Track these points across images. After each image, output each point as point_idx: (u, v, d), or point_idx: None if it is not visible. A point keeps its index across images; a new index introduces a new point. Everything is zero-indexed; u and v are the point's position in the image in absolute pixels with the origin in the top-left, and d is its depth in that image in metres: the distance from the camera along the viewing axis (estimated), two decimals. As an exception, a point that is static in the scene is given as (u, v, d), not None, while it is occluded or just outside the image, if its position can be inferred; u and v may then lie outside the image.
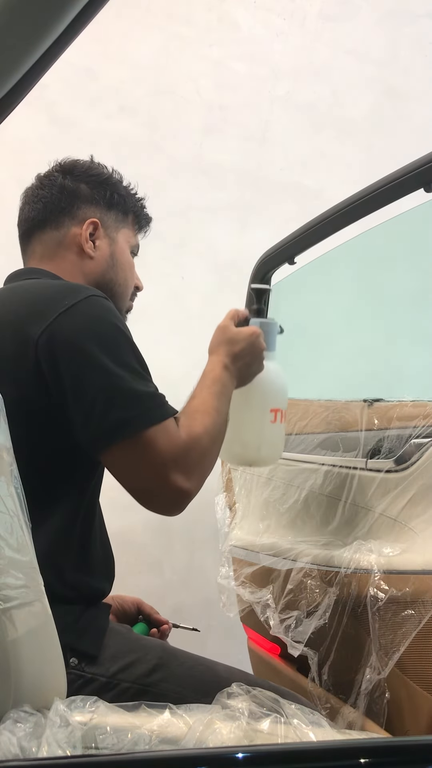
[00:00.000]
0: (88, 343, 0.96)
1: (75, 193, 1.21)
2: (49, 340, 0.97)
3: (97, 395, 0.93)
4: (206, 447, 0.99)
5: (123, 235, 1.25)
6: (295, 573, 1.22)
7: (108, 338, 0.98)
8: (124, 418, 0.93)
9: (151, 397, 0.96)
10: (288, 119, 2.50)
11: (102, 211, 1.22)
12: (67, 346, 0.96)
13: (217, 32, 2.44)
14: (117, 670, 0.96)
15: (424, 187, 1.12)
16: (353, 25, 2.60)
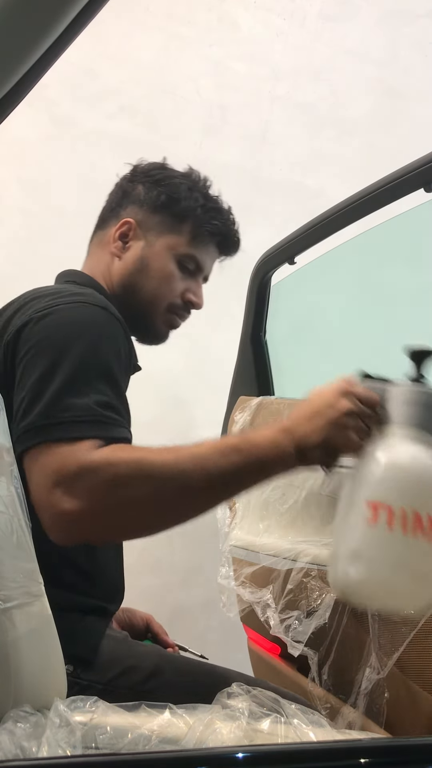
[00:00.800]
0: (45, 342, 0.88)
1: (127, 193, 1.16)
2: (15, 336, 0.91)
3: (26, 395, 0.85)
4: (120, 480, 0.79)
5: (165, 240, 1.13)
6: (295, 573, 1.22)
7: (68, 341, 0.88)
8: (31, 424, 0.82)
9: (77, 410, 0.82)
10: (288, 119, 2.50)
11: (145, 213, 1.13)
12: (28, 341, 0.89)
13: (217, 32, 2.44)
14: (113, 676, 0.94)
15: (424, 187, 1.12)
16: (353, 25, 2.60)
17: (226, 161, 2.39)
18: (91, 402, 0.84)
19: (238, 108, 2.45)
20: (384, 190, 1.19)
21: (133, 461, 0.81)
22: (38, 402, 0.83)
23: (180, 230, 1.14)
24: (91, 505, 0.77)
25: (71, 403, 0.82)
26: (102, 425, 0.83)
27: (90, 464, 0.78)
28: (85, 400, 0.83)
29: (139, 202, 1.14)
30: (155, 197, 1.14)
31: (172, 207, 1.13)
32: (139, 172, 1.17)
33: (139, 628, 1.29)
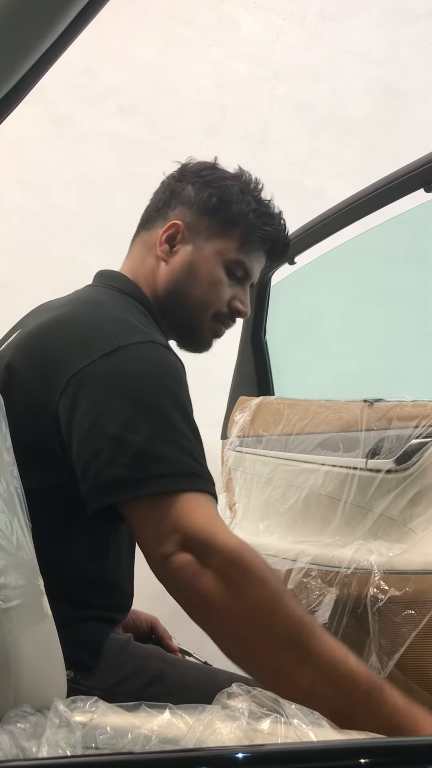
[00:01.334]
0: (116, 390, 0.84)
1: (175, 194, 1.10)
2: (80, 381, 0.85)
3: (107, 443, 0.81)
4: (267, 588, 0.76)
5: (215, 245, 1.07)
6: (296, 573, 1.22)
7: (148, 387, 0.85)
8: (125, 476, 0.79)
9: (173, 463, 0.81)
10: (288, 119, 2.50)
11: (194, 215, 1.07)
12: (93, 389, 0.84)
13: (217, 32, 2.44)
14: (114, 682, 0.93)
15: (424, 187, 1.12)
16: (353, 25, 2.60)
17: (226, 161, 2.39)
18: (179, 453, 0.82)
19: (238, 108, 2.45)
20: (384, 190, 1.19)
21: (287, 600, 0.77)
22: (127, 451, 0.80)
23: (230, 235, 1.08)
24: (229, 589, 0.77)
25: (165, 454, 0.81)
26: (198, 479, 0.82)
27: (246, 552, 0.77)
28: (175, 451, 0.82)
29: (188, 203, 1.08)
30: (206, 199, 1.08)
31: (223, 210, 1.08)
32: (188, 172, 1.11)
33: (143, 630, 1.26)
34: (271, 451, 1.43)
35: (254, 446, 1.49)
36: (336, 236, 1.38)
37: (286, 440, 1.39)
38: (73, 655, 0.81)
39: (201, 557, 0.78)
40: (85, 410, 0.83)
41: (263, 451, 1.45)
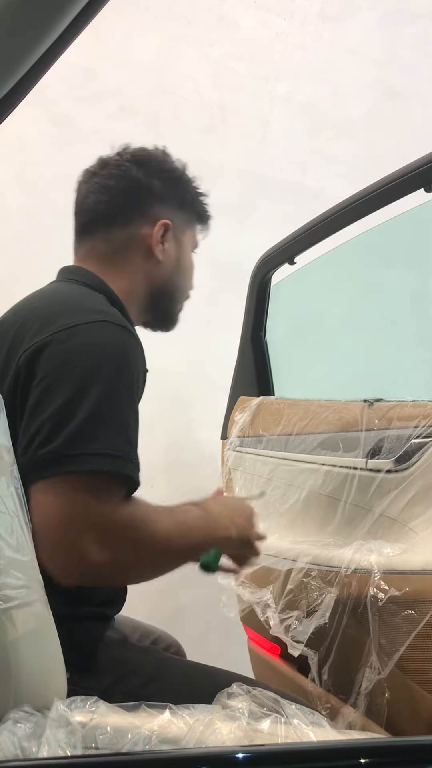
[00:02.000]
0: (68, 367, 0.86)
1: (148, 189, 1.11)
2: (33, 355, 0.89)
3: (47, 420, 0.83)
4: (147, 542, 0.87)
5: (188, 237, 1.17)
6: (295, 573, 1.22)
7: (95, 368, 0.87)
8: (53, 452, 0.82)
9: (104, 443, 0.83)
10: (288, 119, 2.50)
11: (173, 212, 1.13)
12: (49, 364, 0.87)
13: (217, 32, 2.44)
14: (110, 682, 0.92)
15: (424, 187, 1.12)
16: (353, 25, 2.60)
17: (226, 161, 2.39)
18: (117, 435, 0.85)
19: (238, 108, 2.45)
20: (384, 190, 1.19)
21: (158, 526, 0.89)
22: (61, 430, 0.82)
23: (192, 223, 1.18)
24: (120, 560, 0.84)
25: (98, 434, 0.83)
26: (124, 463, 0.85)
27: (131, 521, 0.85)
28: (111, 433, 0.84)
29: (165, 200, 1.12)
30: (181, 196, 1.14)
31: (190, 203, 1.16)
32: (150, 165, 1.13)
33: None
34: (271, 451, 1.43)
35: (254, 446, 1.49)
36: (336, 236, 1.38)
37: (286, 440, 1.39)
38: (69, 656, 0.81)
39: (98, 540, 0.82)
40: (34, 385, 0.87)
41: (263, 451, 1.45)
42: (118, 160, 1.13)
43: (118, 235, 1.10)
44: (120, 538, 0.84)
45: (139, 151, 1.15)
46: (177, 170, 1.15)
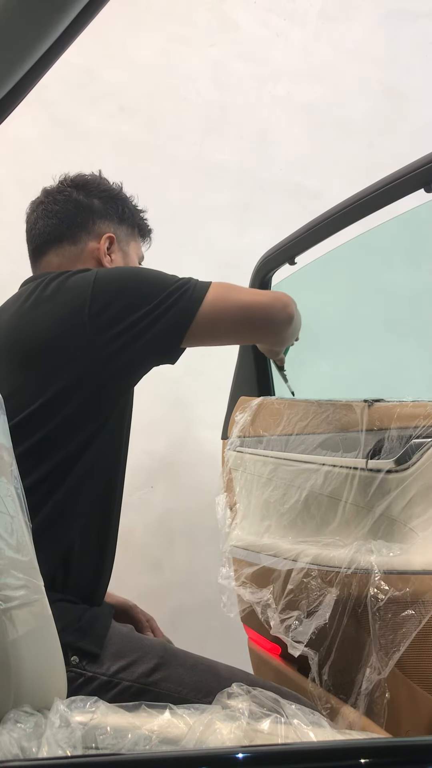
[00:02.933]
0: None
1: (90, 209, 1.25)
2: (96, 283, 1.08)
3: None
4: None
5: (132, 248, 1.30)
6: (296, 573, 1.22)
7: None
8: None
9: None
10: (288, 119, 2.50)
11: (115, 226, 1.27)
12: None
13: (217, 32, 2.44)
14: (118, 669, 0.97)
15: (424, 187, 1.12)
16: (353, 25, 2.60)
17: (226, 161, 2.39)
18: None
19: (238, 108, 2.45)
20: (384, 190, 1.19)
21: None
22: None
23: (135, 235, 1.32)
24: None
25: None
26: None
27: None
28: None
29: (107, 216, 1.26)
30: (120, 211, 1.28)
31: (129, 218, 1.30)
32: (89, 187, 1.27)
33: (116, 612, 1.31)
34: (271, 452, 1.43)
35: (255, 446, 1.49)
36: (336, 236, 1.38)
37: (286, 440, 1.39)
38: (78, 642, 0.90)
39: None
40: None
41: (264, 451, 1.45)
42: (60, 187, 1.29)
43: (70, 252, 1.24)
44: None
45: (76, 178, 1.30)
46: (113, 189, 1.29)
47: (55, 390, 1.03)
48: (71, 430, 1.05)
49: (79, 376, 1.04)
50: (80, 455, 1.05)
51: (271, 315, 1.17)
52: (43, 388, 1.04)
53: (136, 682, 0.96)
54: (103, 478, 1.11)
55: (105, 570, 1.13)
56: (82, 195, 1.26)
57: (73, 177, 1.30)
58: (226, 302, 1.10)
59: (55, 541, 1.02)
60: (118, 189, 1.31)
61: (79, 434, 1.05)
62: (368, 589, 1.05)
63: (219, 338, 1.21)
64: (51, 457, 1.03)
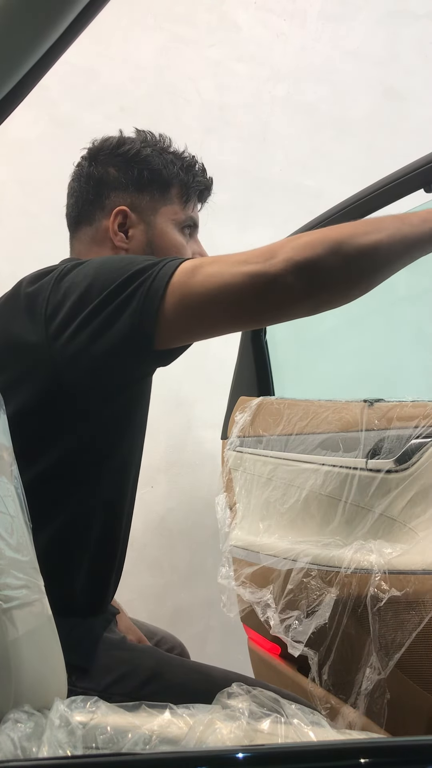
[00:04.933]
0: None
1: (102, 181, 1.09)
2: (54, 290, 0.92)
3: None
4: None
5: (163, 215, 1.09)
6: (296, 573, 1.22)
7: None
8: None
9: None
10: (288, 119, 2.50)
11: (132, 195, 1.09)
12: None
13: (218, 33, 2.44)
14: (109, 682, 0.93)
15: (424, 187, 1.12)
16: (353, 25, 2.60)
17: (226, 161, 2.39)
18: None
19: (238, 108, 2.45)
20: (384, 190, 1.19)
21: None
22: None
23: (170, 198, 1.11)
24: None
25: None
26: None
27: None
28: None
29: (121, 186, 1.09)
30: (137, 176, 1.09)
31: (156, 180, 1.10)
32: (100, 154, 1.12)
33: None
34: (271, 451, 1.43)
35: (254, 446, 1.49)
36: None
37: (286, 440, 1.39)
38: (68, 658, 0.81)
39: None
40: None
41: (263, 451, 1.45)
42: (79, 161, 1.14)
43: (87, 234, 1.11)
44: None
45: (93, 145, 1.14)
46: (130, 150, 1.11)
47: (27, 390, 0.94)
48: (56, 437, 0.97)
49: (45, 386, 0.93)
50: (75, 461, 0.99)
51: (259, 287, 0.81)
52: (18, 386, 0.94)
53: (129, 695, 0.91)
54: (111, 488, 1.05)
55: (109, 578, 1.08)
56: (94, 166, 1.10)
57: (91, 145, 1.14)
58: (193, 282, 0.83)
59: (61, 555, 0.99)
60: (136, 148, 1.11)
61: (65, 442, 0.97)
62: (368, 589, 1.05)
63: (204, 329, 0.89)
64: (41, 460, 0.96)
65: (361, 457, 1.20)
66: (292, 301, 0.82)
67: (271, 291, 0.80)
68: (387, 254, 0.84)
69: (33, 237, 2.11)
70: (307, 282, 0.80)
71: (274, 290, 0.80)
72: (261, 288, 0.81)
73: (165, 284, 0.83)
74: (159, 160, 1.10)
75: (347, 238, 0.80)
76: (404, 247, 0.85)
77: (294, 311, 0.86)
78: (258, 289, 0.81)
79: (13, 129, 2.10)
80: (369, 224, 0.84)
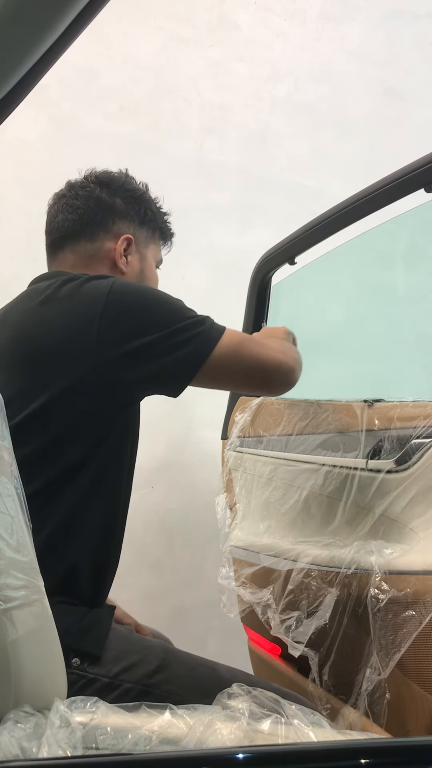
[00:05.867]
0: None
1: (111, 208, 1.22)
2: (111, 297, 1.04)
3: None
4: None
5: (151, 251, 1.28)
6: (296, 573, 1.22)
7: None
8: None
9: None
10: (288, 119, 2.50)
11: (135, 228, 1.24)
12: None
13: (218, 33, 2.44)
14: (119, 670, 0.96)
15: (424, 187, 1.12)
16: (353, 25, 2.60)
17: (226, 161, 2.39)
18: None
19: (238, 108, 2.45)
20: (384, 191, 1.19)
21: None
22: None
23: (155, 239, 1.29)
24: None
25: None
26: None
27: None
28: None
29: (128, 217, 1.23)
30: (142, 213, 1.25)
31: (151, 220, 1.27)
32: (114, 186, 1.24)
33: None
34: (271, 452, 1.43)
35: (254, 446, 1.49)
36: (336, 236, 1.38)
37: (286, 440, 1.39)
38: (80, 644, 0.89)
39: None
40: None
41: (263, 451, 1.45)
42: (84, 183, 1.25)
43: (86, 249, 1.21)
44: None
45: (102, 174, 1.26)
46: (138, 190, 1.27)
47: (52, 393, 1.01)
48: (71, 438, 1.03)
49: (77, 386, 1.02)
50: (82, 465, 1.04)
51: (281, 373, 1.15)
52: (42, 390, 1.01)
53: (138, 683, 0.96)
54: (108, 488, 1.10)
55: (109, 573, 1.12)
56: (105, 193, 1.23)
57: (98, 173, 1.26)
58: (241, 351, 1.08)
59: (60, 551, 1.02)
60: (142, 190, 1.27)
61: (78, 443, 1.04)
62: (368, 590, 1.05)
63: (222, 384, 1.20)
64: (52, 465, 1.02)
65: (362, 457, 1.20)
66: (292, 384, 1.18)
67: (288, 375, 1.17)
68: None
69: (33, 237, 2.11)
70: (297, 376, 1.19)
71: (290, 376, 1.17)
72: (283, 372, 1.16)
73: (217, 339, 1.06)
74: (153, 205, 1.28)
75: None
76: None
77: (287, 390, 1.20)
78: (281, 372, 1.15)
79: (13, 129, 2.10)
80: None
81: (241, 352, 1.08)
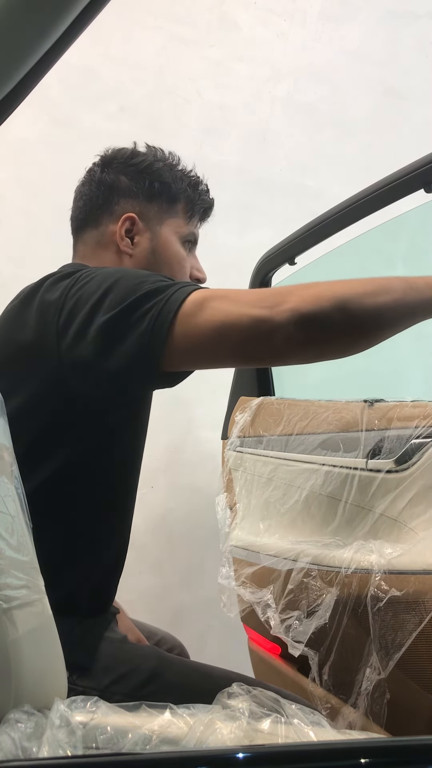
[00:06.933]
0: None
1: (113, 187, 1.13)
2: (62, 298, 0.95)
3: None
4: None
5: (168, 226, 1.14)
6: (296, 573, 1.22)
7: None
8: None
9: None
10: (288, 119, 2.50)
11: (141, 204, 1.13)
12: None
13: (218, 33, 2.44)
14: (110, 682, 0.94)
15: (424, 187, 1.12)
16: (353, 25, 2.60)
17: (226, 161, 2.39)
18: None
19: (238, 108, 2.45)
20: (384, 191, 1.19)
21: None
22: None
23: (176, 212, 1.16)
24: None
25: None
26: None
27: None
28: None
29: (131, 194, 1.13)
30: (147, 187, 1.13)
31: (165, 192, 1.14)
32: (115, 162, 1.15)
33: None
34: (271, 452, 1.43)
35: (254, 446, 1.49)
36: (336, 236, 1.38)
37: (286, 440, 1.39)
38: (68, 656, 0.81)
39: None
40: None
41: (263, 451, 1.45)
42: (91, 166, 1.18)
43: (92, 237, 1.14)
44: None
45: (107, 153, 1.18)
46: (143, 161, 1.15)
47: (28, 394, 0.96)
48: (66, 436, 0.99)
49: (48, 391, 0.95)
50: (82, 464, 1.01)
51: (260, 334, 0.83)
52: (18, 391, 0.97)
53: (129, 695, 0.92)
54: (115, 491, 1.07)
55: (115, 581, 1.10)
56: (107, 172, 1.14)
57: (104, 152, 1.18)
58: (202, 312, 0.84)
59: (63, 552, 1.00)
60: (149, 160, 1.15)
61: (72, 445, 0.99)
62: (368, 590, 1.05)
63: (205, 357, 0.89)
64: (46, 464, 0.98)
65: (362, 457, 1.20)
66: (292, 349, 0.85)
67: (273, 338, 0.82)
68: (390, 318, 0.88)
69: (33, 237, 2.11)
70: (309, 334, 0.82)
71: (275, 337, 0.82)
72: (264, 334, 0.82)
73: (175, 310, 0.85)
74: (169, 175, 1.15)
75: (354, 298, 0.83)
76: (408, 311, 0.89)
77: (292, 358, 0.92)
78: (261, 334, 0.82)
79: (13, 129, 2.10)
80: (377, 285, 0.87)
81: (203, 313, 0.84)
